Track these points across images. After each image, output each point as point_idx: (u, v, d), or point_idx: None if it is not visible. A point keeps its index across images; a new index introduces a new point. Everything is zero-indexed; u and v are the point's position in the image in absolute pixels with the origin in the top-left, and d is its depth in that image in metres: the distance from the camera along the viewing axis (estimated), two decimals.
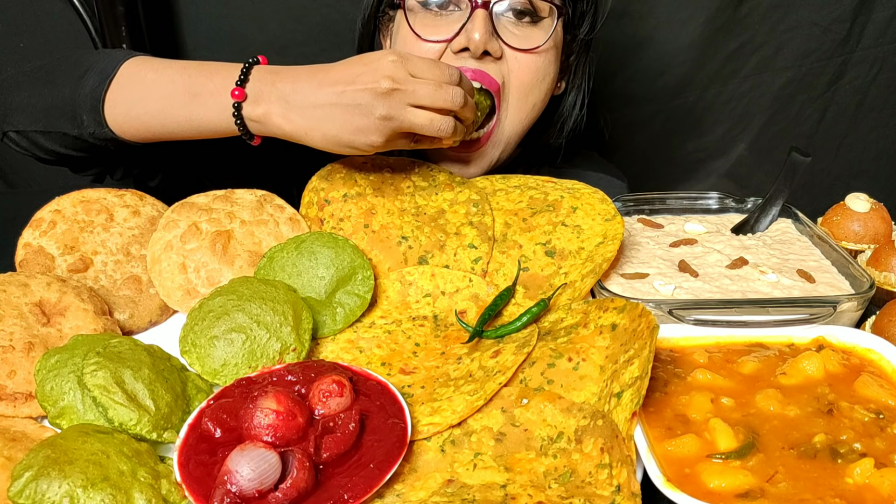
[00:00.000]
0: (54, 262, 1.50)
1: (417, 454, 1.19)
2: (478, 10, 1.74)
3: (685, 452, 1.12)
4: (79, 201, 1.57)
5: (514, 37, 1.79)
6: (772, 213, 1.77)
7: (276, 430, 1.11)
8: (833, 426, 1.17)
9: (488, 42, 1.75)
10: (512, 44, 1.79)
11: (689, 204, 1.87)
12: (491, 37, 1.76)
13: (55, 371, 1.22)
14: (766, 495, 1.05)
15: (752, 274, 1.57)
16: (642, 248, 1.68)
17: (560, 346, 1.33)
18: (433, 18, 1.81)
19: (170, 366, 1.30)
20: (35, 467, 1.04)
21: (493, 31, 1.76)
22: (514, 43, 1.79)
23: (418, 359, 1.42)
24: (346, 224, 1.66)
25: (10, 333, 1.31)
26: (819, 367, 1.28)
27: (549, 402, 1.22)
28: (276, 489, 1.06)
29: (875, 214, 1.77)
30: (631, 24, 2.81)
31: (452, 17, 1.79)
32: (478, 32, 1.73)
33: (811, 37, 2.84)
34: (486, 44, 1.74)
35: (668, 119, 3.01)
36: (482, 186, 1.71)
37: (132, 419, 1.17)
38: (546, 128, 2.07)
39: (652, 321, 1.22)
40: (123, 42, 2.62)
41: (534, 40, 1.81)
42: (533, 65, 1.83)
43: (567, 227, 1.60)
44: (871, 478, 1.06)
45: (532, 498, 1.08)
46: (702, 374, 1.27)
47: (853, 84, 2.95)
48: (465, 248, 1.60)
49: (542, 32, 1.82)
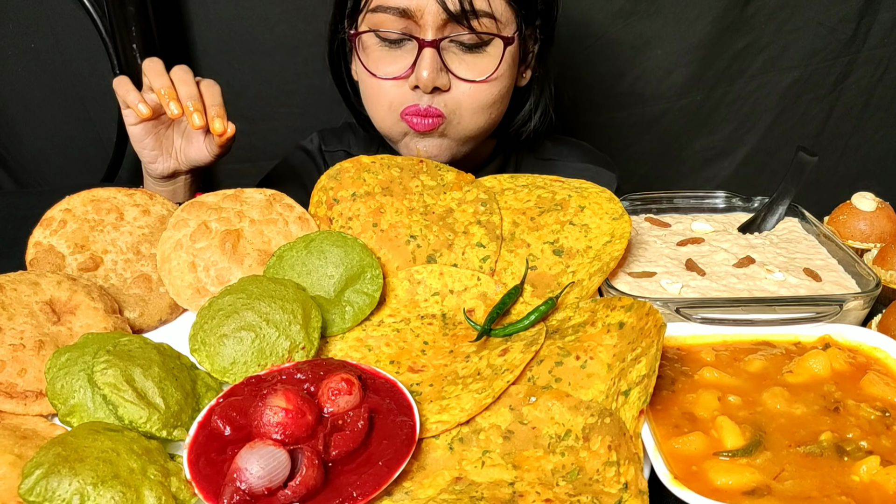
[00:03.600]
0: (65, 261, 1.50)
1: (426, 452, 1.19)
2: (426, 48, 1.81)
3: (692, 450, 1.12)
4: (89, 200, 1.57)
5: (463, 65, 1.87)
6: (778, 212, 1.77)
7: (285, 427, 1.11)
8: (839, 424, 1.16)
9: (437, 79, 1.84)
10: (461, 74, 1.87)
11: (697, 203, 1.86)
12: (439, 73, 1.84)
13: (65, 369, 1.22)
14: (772, 493, 1.04)
15: (758, 273, 1.56)
16: (650, 247, 1.68)
17: (568, 344, 1.33)
18: (387, 52, 1.89)
19: (179, 364, 1.29)
20: (46, 465, 1.04)
21: (441, 67, 1.84)
22: (462, 74, 1.87)
23: (427, 357, 1.42)
24: (355, 223, 1.66)
25: (21, 332, 1.31)
26: (825, 366, 1.28)
27: (556, 399, 1.22)
28: (286, 486, 1.05)
29: (881, 213, 1.76)
30: (638, 23, 2.82)
31: (405, 48, 1.87)
32: (426, 70, 1.82)
33: (817, 37, 2.84)
34: (433, 81, 1.83)
35: (676, 118, 3.01)
36: (490, 186, 1.71)
37: (142, 417, 1.17)
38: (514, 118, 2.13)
39: (659, 319, 1.22)
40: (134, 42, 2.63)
41: (483, 68, 1.88)
42: (482, 92, 1.91)
43: (575, 226, 1.59)
44: (877, 475, 1.06)
45: (540, 495, 1.08)
46: (709, 373, 1.27)
47: (859, 84, 2.94)
48: (474, 247, 1.60)
49: (490, 60, 1.88)
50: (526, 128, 2.13)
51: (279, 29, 2.76)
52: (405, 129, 1.93)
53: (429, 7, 1.78)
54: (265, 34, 2.78)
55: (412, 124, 1.90)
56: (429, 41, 1.80)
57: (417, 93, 1.88)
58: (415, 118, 1.89)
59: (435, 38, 1.81)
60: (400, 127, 1.94)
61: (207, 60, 2.82)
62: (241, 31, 2.77)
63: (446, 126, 1.92)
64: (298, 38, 2.78)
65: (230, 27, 2.77)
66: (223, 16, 2.75)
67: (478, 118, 1.95)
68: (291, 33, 2.77)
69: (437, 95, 1.88)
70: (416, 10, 1.79)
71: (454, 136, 1.96)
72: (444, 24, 1.81)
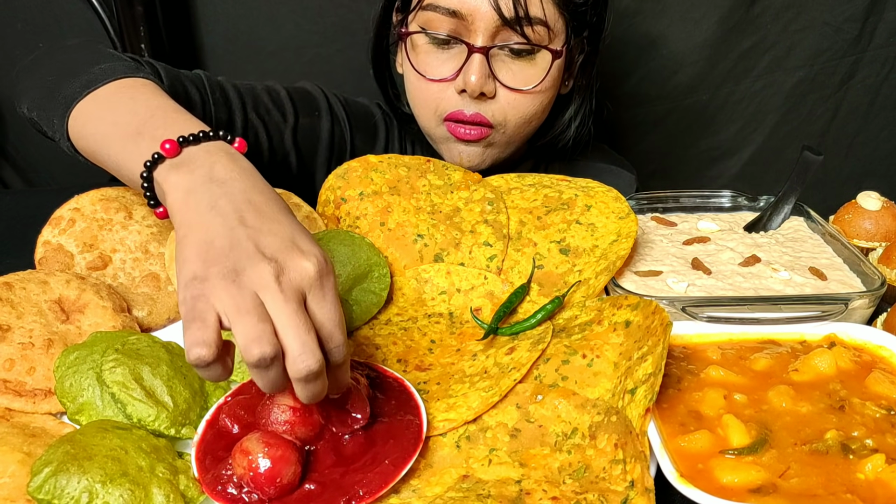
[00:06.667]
0: (73, 260, 1.51)
1: (433, 450, 1.19)
2: (475, 53, 1.80)
3: (698, 448, 1.12)
4: (98, 199, 1.57)
5: (510, 73, 1.85)
6: (784, 212, 1.77)
7: (292, 425, 1.11)
8: (845, 422, 1.16)
9: (484, 85, 1.82)
10: (507, 83, 1.85)
11: (702, 202, 1.87)
12: (487, 79, 1.82)
13: (74, 368, 1.22)
14: (778, 490, 1.04)
15: (764, 271, 1.57)
16: (656, 246, 1.68)
17: (574, 342, 1.33)
18: (435, 53, 1.86)
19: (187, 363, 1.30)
20: (55, 463, 1.04)
21: (489, 73, 1.82)
22: (509, 82, 1.85)
23: (434, 355, 1.42)
24: (363, 222, 1.66)
25: (30, 330, 1.31)
26: (831, 364, 1.28)
27: (563, 398, 1.22)
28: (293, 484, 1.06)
29: (886, 212, 1.76)
30: (644, 22, 2.81)
31: (453, 51, 1.85)
32: (474, 75, 1.80)
33: (823, 36, 2.84)
34: (481, 87, 1.81)
35: (681, 118, 3.01)
36: (497, 185, 1.71)
37: (150, 415, 1.17)
38: (552, 126, 2.10)
39: (665, 318, 1.22)
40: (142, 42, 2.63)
41: (530, 77, 1.86)
42: (527, 102, 1.89)
43: (581, 225, 1.60)
44: (882, 473, 1.06)
45: (547, 493, 1.08)
46: (715, 371, 1.27)
47: (865, 83, 2.94)
48: (481, 246, 1.60)
49: (537, 69, 1.86)
50: (563, 136, 2.11)
51: (285, 29, 2.76)
52: (448, 136, 1.93)
53: (480, 11, 1.76)
54: (271, 34, 2.78)
55: (456, 133, 1.89)
56: (478, 47, 1.79)
57: (463, 97, 1.86)
58: (460, 127, 1.88)
59: (485, 45, 1.80)
60: (442, 130, 1.93)
61: (214, 60, 2.82)
62: (247, 31, 2.77)
63: (493, 135, 1.91)
64: (304, 39, 2.78)
65: (237, 27, 2.77)
66: (230, 16, 2.75)
67: (522, 129, 1.94)
68: (297, 33, 2.77)
69: (482, 103, 1.86)
70: (466, 13, 1.77)
71: (498, 145, 1.95)
72: (495, 31, 1.79)
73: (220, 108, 1.82)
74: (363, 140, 2.16)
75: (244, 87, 1.92)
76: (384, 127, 2.21)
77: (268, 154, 1.95)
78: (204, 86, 1.80)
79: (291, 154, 2.00)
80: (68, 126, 1.46)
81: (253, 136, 1.90)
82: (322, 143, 2.06)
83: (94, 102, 1.44)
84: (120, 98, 1.43)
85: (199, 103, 1.76)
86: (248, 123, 1.88)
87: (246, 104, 1.89)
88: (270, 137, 1.94)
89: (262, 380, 1.03)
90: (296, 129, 1.99)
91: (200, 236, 1.06)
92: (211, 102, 1.79)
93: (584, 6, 1.88)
